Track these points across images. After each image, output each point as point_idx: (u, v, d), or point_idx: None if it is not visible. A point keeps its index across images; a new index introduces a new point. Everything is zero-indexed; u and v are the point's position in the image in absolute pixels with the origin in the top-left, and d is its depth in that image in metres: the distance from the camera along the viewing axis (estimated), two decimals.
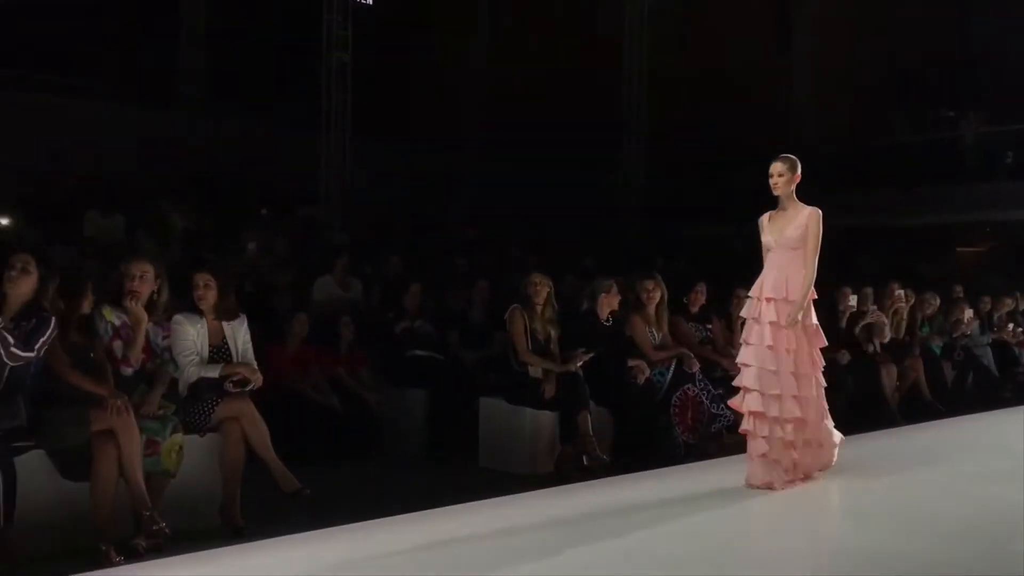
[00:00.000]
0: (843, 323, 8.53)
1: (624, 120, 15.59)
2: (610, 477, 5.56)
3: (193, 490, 4.78)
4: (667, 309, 7.00)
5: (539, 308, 6.45)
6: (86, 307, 4.82)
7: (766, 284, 4.96)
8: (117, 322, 4.79)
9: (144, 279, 4.80)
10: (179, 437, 4.67)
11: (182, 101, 13.37)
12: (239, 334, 5.19)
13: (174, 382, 4.97)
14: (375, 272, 8.80)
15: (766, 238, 5.05)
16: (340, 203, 12.72)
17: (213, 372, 5.00)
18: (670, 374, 6.64)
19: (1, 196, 8.76)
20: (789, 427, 4.84)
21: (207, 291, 5.07)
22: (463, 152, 15.75)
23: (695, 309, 7.43)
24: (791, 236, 4.94)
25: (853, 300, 8.56)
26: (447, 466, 6.53)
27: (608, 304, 6.75)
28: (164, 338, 4.99)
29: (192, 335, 5.03)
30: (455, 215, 13.30)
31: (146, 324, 4.81)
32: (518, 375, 6.41)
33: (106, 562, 4.10)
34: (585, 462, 6.05)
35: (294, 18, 13.92)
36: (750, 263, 5.27)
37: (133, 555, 4.23)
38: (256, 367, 5.14)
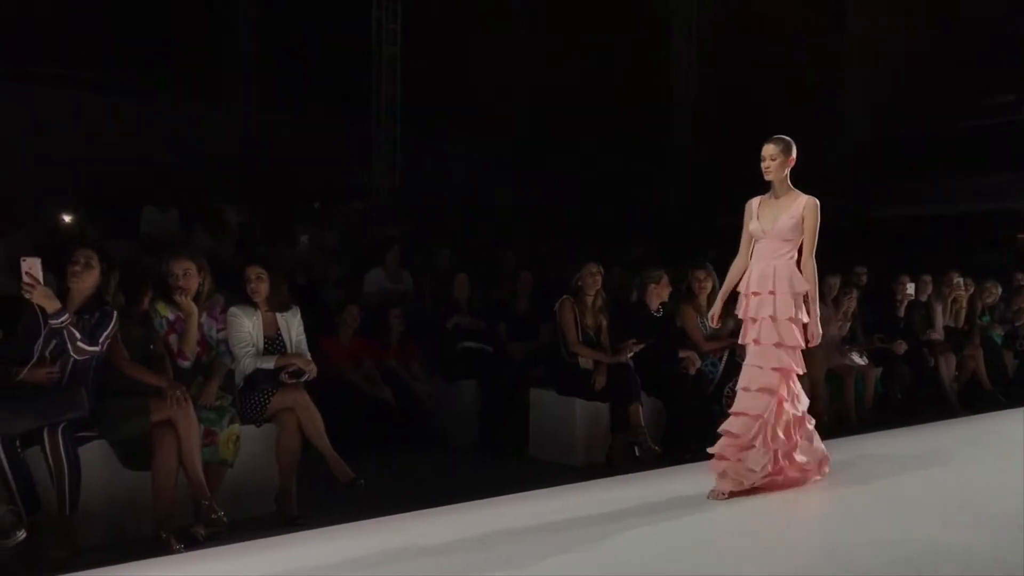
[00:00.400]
0: (901, 312, 8.38)
1: (672, 108, 15.43)
2: (661, 468, 5.54)
3: (250, 479, 4.86)
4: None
5: (590, 299, 6.43)
6: (145, 302, 4.92)
7: (752, 278, 4.64)
8: (171, 316, 4.89)
9: (188, 275, 4.88)
10: (236, 427, 4.75)
11: (235, 95, 13.56)
12: (293, 325, 5.27)
13: (230, 373, 5.06)
14: (425, 264, 8.85)
15: (754, 225, 4.67)
16: (390, 196, 12.82)
17: (268, 363, 5.08)
18: (722, 365, 6.58)
19: (63, 192, 8.97)
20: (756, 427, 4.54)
21: (259, 283, 5.15)
22: (511, 144, 15.75)
23: None
24: (784, 226, 4.58)
25: (911, 288, 8.39)
26: (498, 457, 6.56)
27: (658, 295, 6.71)
28: (219, 331, 5.08)
29: (248, 327, 5.11)
30: (502, 207, 13.31)
31: (198, 317, 4.90)
32: (568, 366, 6.40)
33: (166, 550, 4.19)
34: (637, 453, 6.04)
35: (344, 11, 14.01)
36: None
37: (192, 543, 4.32)
38: (310, 358, 5.21)
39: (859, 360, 7.84)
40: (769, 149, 4.64)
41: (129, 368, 4.63)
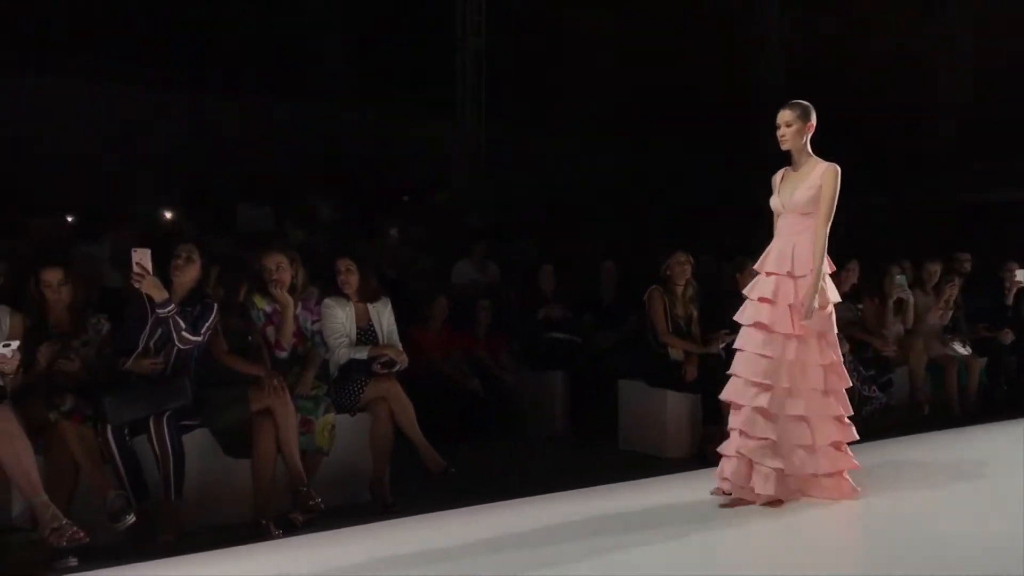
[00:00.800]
0: (1009, 300, 8.04)
1: (761, 92, 15.09)
2: None
3: (345, 467, 4.97)
4: None
5: (679, 288, 6.36)
6: (241, 294, 5.07)
7: (770, 256, 4.23)
8: (268, 309, 5.01)
9: (280, 268, 4.99)
10: (331, 416, 4.86)
11: (323, 93, 13.81)
12: (384, 316, 5.36)
13: (325, 364, 5.18)
14: (512, 255, 8.88)
15: (775, 201, 4.28)
16: (475, 189, 12.89)
17: (361, 353, 5.18)
18: None
19: (164, 190, 9.30)
20: (765, 425, 4.08)
21: (349, 275, 5.25)
22: (596, 136, 15.65)
23: (846, 288, 7.15)
24: (801, 199, 4.16)
25: (1021, 275, 8.03)
26: (587, 448, 6.54)
27: (747, 284, 6.57)
28: (314, 322, 5.20)
29: (341, 318, 5.21)
30: (588, 199, 13.25)
31: (293, 309, 5.02)
32: (658, 357, 6.34)
33: (266, 535, 4.31)
34: None
35: (429, 4, 14.11)
36: (907, 236, 4.93)
37: (291, 529, 4.43)
38: (401, 349, 5.29)
39: (962, 350, 7.56)
40: (784, 115, 4.25)
41: (227, 359, 4.78)
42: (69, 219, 7.42)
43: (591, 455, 6.30)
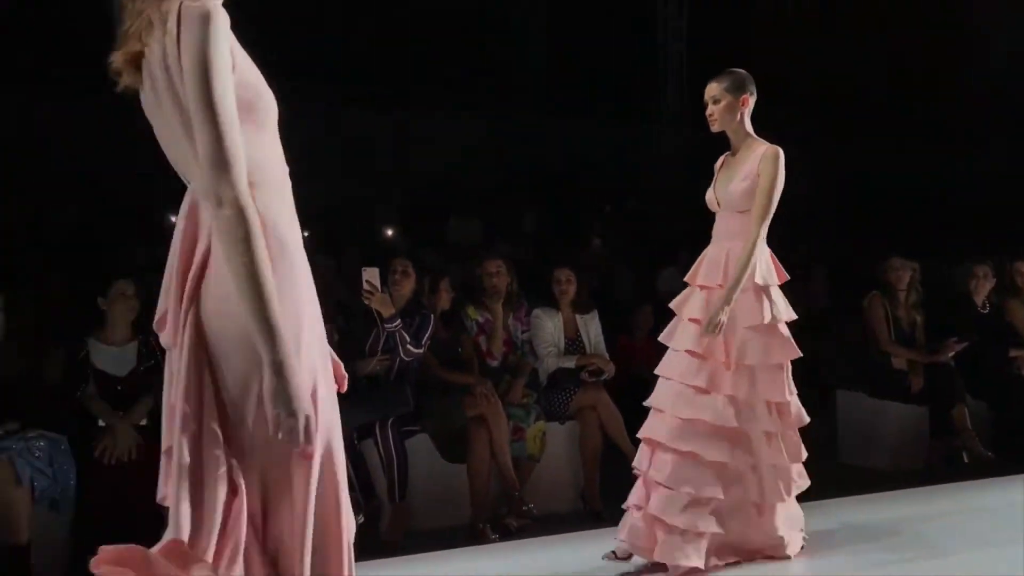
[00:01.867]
0: None
1: (989, 91, 13.98)
2: (993, 477, 5.05)
3: (555, 474, 5.05)
4: None
5: (902, 294, 6.00)
6: (447, 304, 5.25)
7: (701, 265, 3.49)
8: (480, 319, 5.19)
9: (499, 274, 5.16)
10: (542, 424, 4.96)
11: (525, 104, 14.08)
12: (591, 327, 5.42)
13: (535, 372, 5.29)
14: None
15: (709, 195, 3.54)
16: (679, 195, 12.72)
17: (570, 363, 5.26)
18: None
19: (382, 205, 9.81)
20: (693, 475, 3.31)
21: (568, 286, 5.34)
22: (802, 139, 15.00)
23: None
24: (736, 191, 3.40)
25: None
26: (807, 461, 6.28)
27: (983, 289, 6.12)
28: (523, 332, 5.34)
29: (550, 328, 5.32)
30: (793, 203, 12.71)
31: (504, 319, 5.17)
32: (879, 366, 6.01)
33: (483, 538, 4.46)
34: (966, 459, 5.57)
35: (629, 8, 14.08)
36: None
37: (505, 533, 4.56)
38: (608, 358, 5.33)
39: None
40: (711, 89, 3.47)
41: (440, 368, 4.98)
42: (305, 234, 7.95)
43: (810, 468, 6.03)
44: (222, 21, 1.80)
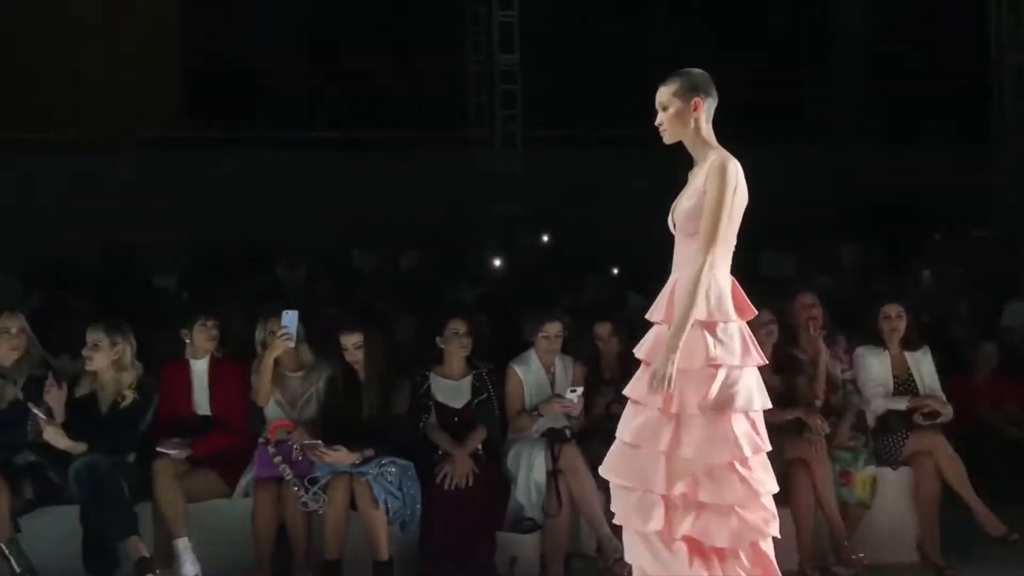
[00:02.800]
0: None
1: None
2: None
3: (889, 523, 4.78)
4: None
5: None
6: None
7: (659, 298, 2.97)
8: (801, 356, 5.03)
9: (814, 310, 4.96)
10: (872, 469, 4.72)
11: (843, 132, 13.49)
12: (923, 365, 5.07)
13: (861, 414, 5.03)
14: None
15: (670, 217, 3.01)
16: (1018, 219, 11.48)
17: (900, 404, 4.94)
18: None
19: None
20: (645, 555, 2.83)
21: (899, 322, 4.99)
22: None
23: None
24: (682, 212, 2.92)
25: None
26: None
27: None
28: (843, 370, 5.10)
29: (876, 367, 5.04)
30: None
31: (825, 356, 4.96)
32: None
33: None
34: None
35: (955, 24, 13.05)
36: None
37: None
38: (944, 399, 4.95)
39: None
40: (659, 94, 2.96)
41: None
42: (615, 272, 8.20)
43: None
44: None
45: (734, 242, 2.91)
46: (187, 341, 4.74)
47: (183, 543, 4.27)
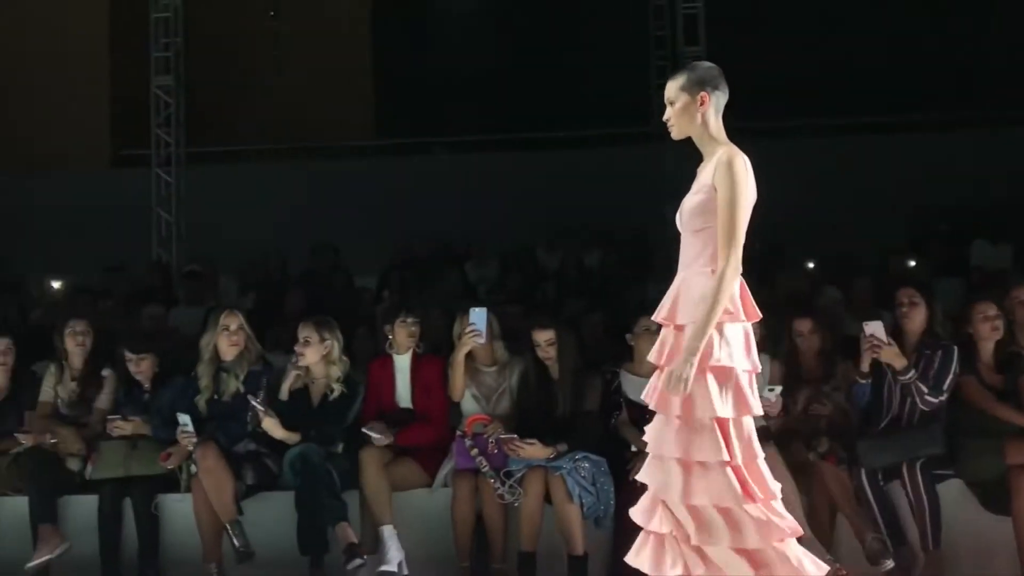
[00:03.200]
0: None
1: None
2: None
3: None
4: None
5: None
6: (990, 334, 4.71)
7: (666, 299, 2.92)
8: None
9: None
10: None
11: None
12: None
13: None
14: None
15: (678, 215, 2.96)
16: None
17: None
18: None
19: (891, 233, 9.27)
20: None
21: None
22: None
23: None
24: (686, 207, 2.91)
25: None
26: None
27: None
28: None
29: None
30: None
31: None
32: None
33: None
34: None
35: None
36: None
37: None
38: None
39: None
40: (667, 89, 2.95)
41: (993, 407, 4.50)
42: (810, 266, 7.88)
43: None
44: None
45: (743, 240, 2.87)
46: (389, 337, 4.96)
47: (388, 530, 4.47)
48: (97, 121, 12.65)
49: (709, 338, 2.78)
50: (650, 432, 2.93)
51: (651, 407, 2.93)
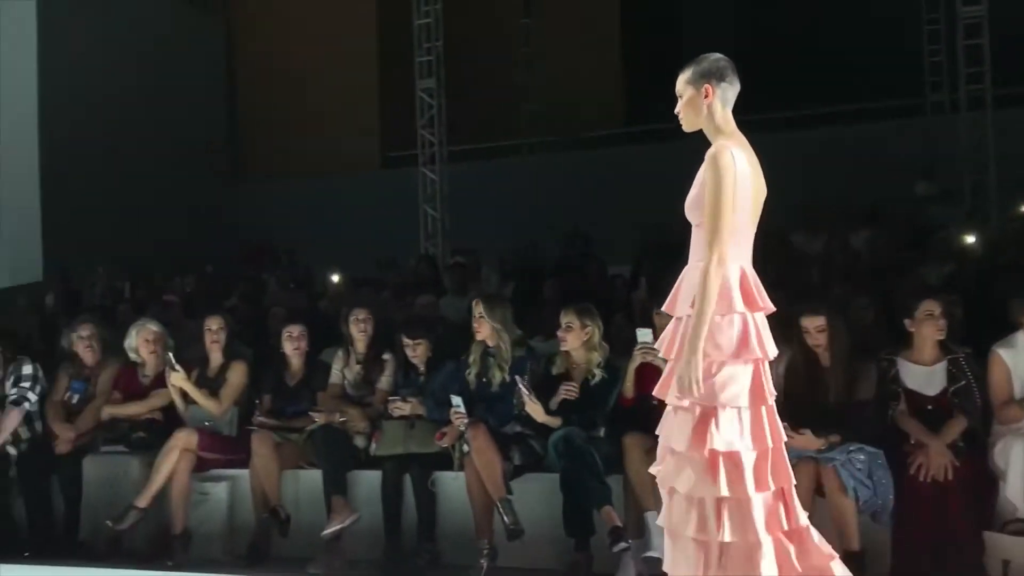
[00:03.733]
0: None
1: None
2: None
3: None
4: None
5: None
6: None
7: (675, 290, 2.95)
8: None
9: None
10: None
11: None
12: None
13: None
14: None
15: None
16: None
17: None
18: None
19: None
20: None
21: None
22: None
23: None
24: (688, 202, 2.92)
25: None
26: None
27: None
28: None
29: None
30: None
31: None
32: None
33: None
34: None
35: None
36: None
37: None
38: None
39: None
40: (677, 81, 2.95)
41: None
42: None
43: None
44: None
45: (751, 231, 2.91)
46: (653, 326, 4.93)
47: (653, 515, 4.45)
48: (368, 126, 13.65)
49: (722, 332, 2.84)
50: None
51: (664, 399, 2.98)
